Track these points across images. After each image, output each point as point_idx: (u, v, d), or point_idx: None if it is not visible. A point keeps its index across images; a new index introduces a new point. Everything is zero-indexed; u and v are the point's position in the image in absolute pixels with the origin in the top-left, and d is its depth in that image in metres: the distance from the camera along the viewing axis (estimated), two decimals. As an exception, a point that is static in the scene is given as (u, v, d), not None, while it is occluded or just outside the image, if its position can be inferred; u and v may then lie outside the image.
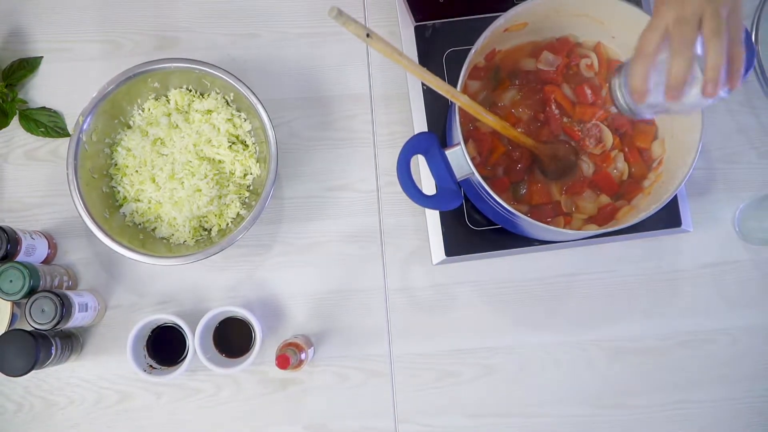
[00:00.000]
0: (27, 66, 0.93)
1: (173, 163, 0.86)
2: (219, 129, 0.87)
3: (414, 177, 0.73)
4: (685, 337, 0.89)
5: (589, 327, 0.89)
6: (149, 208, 0.87)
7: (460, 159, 0.72)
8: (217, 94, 0.89)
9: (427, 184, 0.89)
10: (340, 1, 0.67)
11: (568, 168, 0.83)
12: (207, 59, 0.86)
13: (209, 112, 0.89)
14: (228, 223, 0.87)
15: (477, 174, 0.72)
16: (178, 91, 0.89)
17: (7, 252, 0.80)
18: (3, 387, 0.88)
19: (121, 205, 0.88)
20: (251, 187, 0.89)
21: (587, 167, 0.83)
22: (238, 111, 0.89)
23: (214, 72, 0.85)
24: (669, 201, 0.73)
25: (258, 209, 0.82)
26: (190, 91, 0.90)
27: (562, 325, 0.90)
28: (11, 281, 0.79)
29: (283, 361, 0.76)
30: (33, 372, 0.78)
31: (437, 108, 0.90)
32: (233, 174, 0.88)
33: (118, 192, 0.88)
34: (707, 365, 0.89)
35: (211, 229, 0.88)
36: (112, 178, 0.89)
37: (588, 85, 0.84)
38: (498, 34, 0.79)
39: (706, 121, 0.73)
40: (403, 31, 0.93)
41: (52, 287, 0.84)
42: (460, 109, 0.74)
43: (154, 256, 0.82)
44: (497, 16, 0.75)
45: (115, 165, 0.89)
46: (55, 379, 0.88)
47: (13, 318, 0.85)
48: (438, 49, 0.91)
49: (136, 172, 0.88)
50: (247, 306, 0.87)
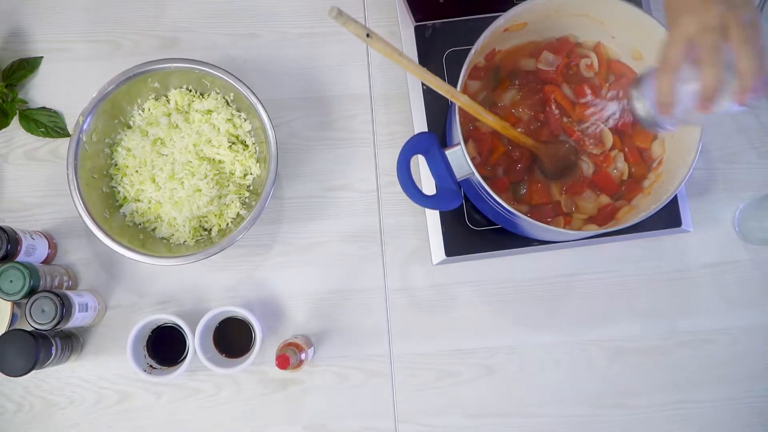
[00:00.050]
0: (27, 66, 0.93)
1: (173, 163, 0.86)
2: (219, 129, 0.87)
3: (414, 177, 0.73)
4: (685, 337, 0.89)
5: (589, 327, 0.89)
6: (149, 208, 0.87)
7: (460, 159, 0.72)
8: (217, 94, 0.89)
9: (427, 184, 0.89)
10: (340, 1, 0.67)
11: (568, 168, 0.83)
12: (207, 59, 0.86)
13: (209, 112, 0.89)
14: (228, 223, 0.87)
15: (477, 174, 0.72)
16: (178, 91, 0.89)
17: (7, 252, 0.80)
18: (3, 387, 0.88)
19: (121, 205, 0.88)
20: (251, 187, 0.89)
21: (587, 167, 0.83)
22: (238, 111, 0.89)
23: (214, 72, 0.85)
24: (669, 201, 0.73)
25: (258, 209, 0.82)
26: (190, 91, 0.90)
27: (562, 325, 0.90)
28: (11, 281, 0.79)
29: (283, 361, 0.76)
30: (33, 372, 0.78)
31: (437, 108, 0.90)
32: (233, 174, 0.88)
33: (118, 192, 0.88)
34: (707, 365, 0.89)
35: (211, 229, 0.88)
36: (112, 178, 0.89)
37: (588, 86, 0.84)
38: (498, 34, 0.79)
39: (706, 120, 0.73)
40: (403, 31, 0.93)
41: (52, 287, 0.84)
42: (460, 109, 0.74)
43: (154, 256, 0.82)
44: (497, 16, 0.75)
45: (115, 165, 0.89)
46: (55, 379, 0.88)
47: (13, 318, 0.85)
48: (438, 49, 0.91)
49: (136, 172, 0.88)
50: (247, 306, 0.87)
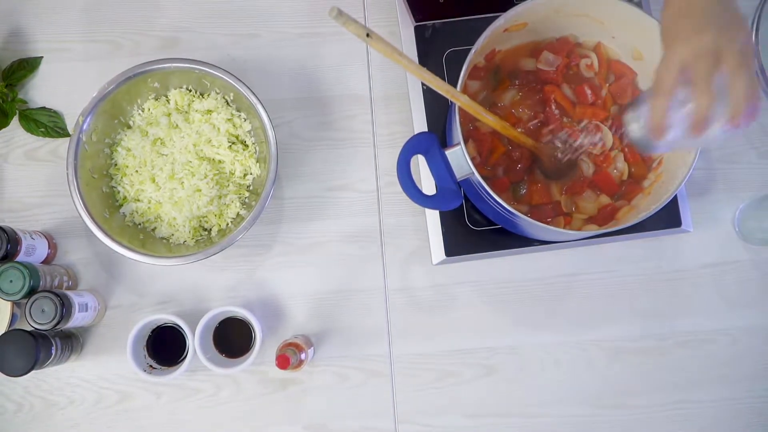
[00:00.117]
0: (27, 66, 0.93)
1: (173, 163, 0.86)
2: (219, 129, 0.87)
3: (414, 177, 0.73)
4: (685, 337, 0.89)
5: (589, 327, 0.89)
6: (149, 208, 0.87)
7: (460, 159, 0.72)
8: (217, 94, 0.89)
9: (427, 184, 0.89)
10: (340, 1, 0.67)
11: (568, 168, 0.83)
12: (207, 59, 0.86)
13: (209, 112, 0.89)
14: (228, 223, 0.87)
15: (477, 174, 0.72)
16: (178, 91, 0.89)
17: (7, 252, 0.80)
18: (3, 387, 0.88)
19: (121, 205, 0.88)
20: (251, 187, 0.89)
21: (587, 167, 0.83)
22: (238, 111, 0.89)
23: (214, 72, 0.85)
24: (669, 201, 0.73)
25: (258, 209, 0.82)
26: (190, 91, 0.90)
27: (562, 325, 0.89)
28: (11, 281, 0.79)
29: (283, 361, 0.76)
30: (33, 372, 0.78)
31: (437, 108, 0.90)
32: (233, 174, 0.88)
33: (118, 192, 0.88)
34: (707, 365, 0.89)
35: (211, 229, 0.88)
36: (112, 178, 0.89)
37: (588, 86, 0.84)
38: (498, 34, 0.79)
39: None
40: (403, 31, 0.93)
41: (52, 287, 0.84)
42: (460, 109, 0.74)
43: (154, 256, 0.82)
44: (497, 16, 0.75)
45: (115, 165, 0.89)
46: (55, 379, 0.88)
47: (13, 318, 0.85)
48: (438, 49, 0.91)
49: (136, 172, 0.88)
50: (247, 306, 0.87)
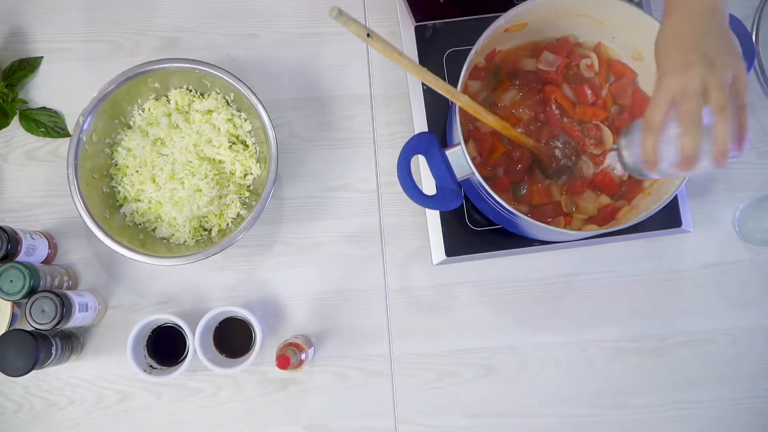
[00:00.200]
0: (27, 66, 0.93)
1: (173, 163, 0.86)
2: (219, 129, 0.87)
3: (414, 177, 0.73)
4: (685, 337, 0.89)
5: (589, 327, 0.89)
6: (149, 208, 0.87)
7: (460, 159, 0.72)
8: (218, 94, 0.89)
9: (428, 184, 0.89)
10: (341, 1, 0.67)
11: (569, 168, 0.83)
12: (207, 59, 0.86)
13: (209, 112, 0.89)
14: (228, 223, 0.87)
15: (477, 174, 0.72)
16: (178, 91, 0.89)
17: (7, 252, 0.80)
18: (3, 387, 0.88)
19: (121, 205, 0.88)
20: (251, 187, 0.89)
21: (587, 167, 0.83)
22: (238, 111, 0.89)
23: (214, 72, 0.85)
24: (669, 201, 0.73)
25: (258, 209, 0.82)
26: (191, 91, 0.90)
27: (562, 326, 0.90)
28: (11, 281, 0.79)
29: (283, 361, 0.76)
30: (33, 372, 0.78)
31: (437, 108, 0.90)
32: (233, 174, 0.88)
33: (119, 192, 0.88)
34: (707, 365, 0.89)
35: (211, 229, 0.88)
36: (113, 178, 0.89)
37: (588, 86, 0.84)
38: (498, 35, 0.79)
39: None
40: (404, 31, 0.93)
41: (52, 287, 0.84)
42: (461, 109, 0.74)
43: (154, 256, 0.82)
44: (497, 17, 0.75)
45: (116, 165, 0.89)
46: (55, 379, 0.88)
47: (13, 318, 0.85)
48: (438, 50, 0.91)
49: (137, 172, 0.88)
50: (247, 306, 0.87)
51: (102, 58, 0.95)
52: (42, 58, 0.94)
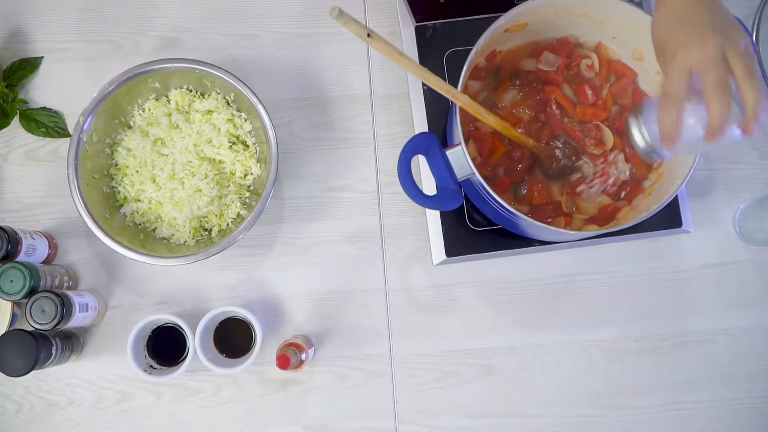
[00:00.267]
0: (27, 66, 0.93)
1: (174, 164, 0.86)
2: (219, 129, 0.87)
3: (414, 177, 0.73)
4: (685, 337, 0.89)
5: (589, 327, 0.89)
6: (150, 209, 0.87)
7: (460, 159, 0.72)
8: (218, 94, 0.89)
9: (428, 185, 0.89)
10: (341, 1, 0.67)
11: (569, 168, 0.83)
12: (207, 59, 0.86)
13: (210, 112, 0.89)
14: (228, 224, 0.87)
15: (478, 174, 0.72)
16: (178, 91, 0.89)
17: (7, 252, 0.80)
18: (3, 387, 0.88)
19: (121, 205, 0.88)
20: (252, 188, 0.89)
21: (588, 167, 0.83)
22: (238, 111, 0.89)
23: (214, 72, 0.85)
24: (670, 201, 0.73)
25: (258, 209, 0.82)
26: (191, 91, 0.90)
27: (562, 326, 0.89)
28: (12, 281, 0.79)
29: (283, 362, 0.76)
30: (33, 372, 0.78)
31: (438, 108, 0.90)
32: (234, 174, 0.88)
33: (119, 192, 0.88)
34: (707, 365, 0.89)
35: (211, 230, 0.88)
36: (113, 178, 0.89)
37: (589, 86, 0.84)
38: (499, 35, 0.79)
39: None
40: (404, 31, 0.93)
41: (52, 287, 0.84)
42: (461, 109, 0.74)
43: (154, 256, 0.82)
44: (498, 17, 0.75)
45: (116, 165, 0.89)
46: (55, 379, 0.88)
47: (13, 318, 0.85)
48: (438, 50, 0.91)
49: (137, 172, 0.88)
50: (248, 306, 0.87)
51: (102, 58, 0.95)
52: (42, 58, 0.94)
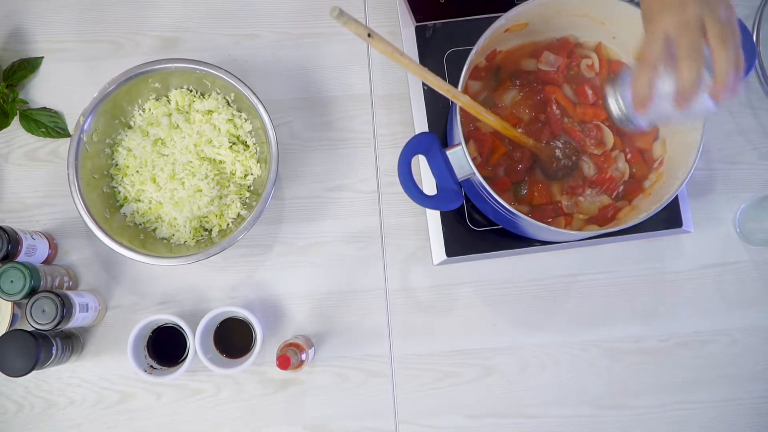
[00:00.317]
0: (28, 66, 0.93)
1: (174, 164, 0.86)
2: (220, 129, 0.87)
3: (415, 177, 0.73)
4: (686, 337, 0.89)
5: (589, 327, 0.89)
6: (150, 209, 0.87)
7: (461, 159, 0.72)
8: (218, 94, 0.89)
9: (428, 185, 0.89)
10: (341, 1, 0.67)
11: (569, 168, 0.83)
12: (208, 59, 0.86)
13: (210, 112, 0.89)
14: (229, 224, 0.87)
15: (478, 174, 0.72)
16: (178, 91, 0.89)
17: (7, 252, 0.80)
18: (3, 387, 0.88)
19: (121, 206, 0.88)
20: (252, 188, 0.89)
21: (588, 167, 0.83)
22: (238, 111, 0.89)
23: (214, 72, 0.85)
24: (670, 201, 0.73)
25: (258, 209, 0.82)
26: (191, 91, 0.90)
27: (562, 326, 0.89)
28: (12, 281, 0.79)
29: (283, 362, 0.76)
30: (33, 372, 0.78)
31: (438, 108, 0.90)
32: (234, 174, 0.88)
33: (119, 192, 0.88)
34: (707, 366, 0.89)
35: (211, 230, 0.88)
36: (113, 179, 0.89)
37: (589, 86, 0.84)
38: (499, 35, 0.79)
39: (706, 121, 0.73)
40: (404, 31, 0.93)
41: (52, 287, 0.84)
42: (461, 109, 0.74)
43: (154, 256, 0.82)
44: (498, 17, 0.75)
45: (116, 165, 0.89)
46: (55, 379, 0.88)
47: (13, 318, 0.85)
48: (439, 50, 0.91)
49: (137, 172, 0.88)
50: (248, 306, 0.87)
51: (102, 58, 0.95)
52: (42, 58, 0.94)
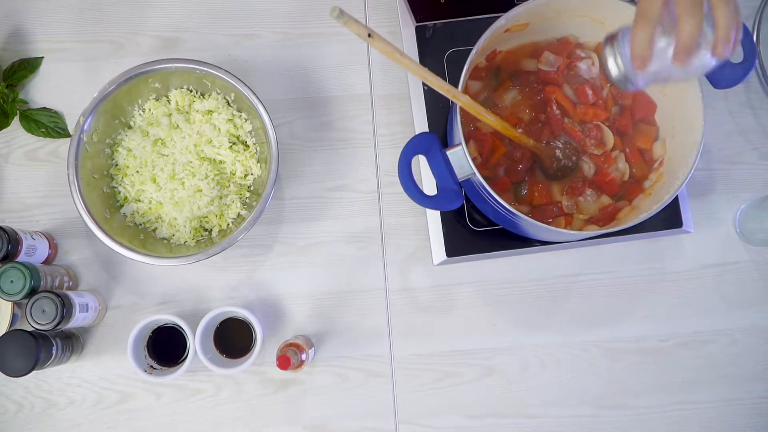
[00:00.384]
0: (28, 66, 0.93)
1: (174, 164, 0.86)
2: (220, 129, 0.87)
3: (415, 177, 0.73)
4: (686, 337, 0.89)
5: (589, 328, 0.89)
6: (150, 209, 0.87)
7: (461, 159, 0.72)
8: (218, 94, 0.89)
9: (428, 185, 0.89)
10: (341, 1, 0.67)
11: (569, 169, 0.83)
12: (208, 59, 0.86)
13: (210, 112, 0.89)
14: (229, 224, 0.87)
15: (478, 174, 0.72)
16: (178, 91, 0.89)
17: (7, 252, 0.80)
18: (3, 387, 0.88)
19: (121, 206, 0.88)
20: (252, 188, 0.89)
21: (588, 168, 0.83)
22: (238, 111, 0.89)
23: (214, 72, 0.85)
24: (670, 202, 0.73)
25: (259, 210, 0.82)
26: (191, 91, 0.90)
27: (562, 326, 0.89)
28: (12, 281, 0.79)
29: (283, 362, 0.76)
30: (34, 372, 0.78)
31: (438, 108, 0.90)
32: (234, 174, 0.88)
33: (119, 192, 0.88)
34: (708, 366, 0.89)
35: (211, 230, 0.88)
36: (113, 179, 0.89)
37: (589, 86, 0.84)
38: (499, 35, 0.79)
39: (706, 121, 0.73)
40: (404, 31, 0.93)
41: (52, 287, 0.84)
42: (461, 109, 0.74)
43: (154, 256, 0.82)
44: (498, 17, 0.75)
45: (116, 165, 0.89)
46: (55, 379, 0.88)
47: (13, 318, 0.85)
48: (439, 50, 0.91)
49: (137, 172, 0.88)
50: (248, 306, 0.87)
51: (102, 58, 0.95)
52: (42, 58, 0.94)
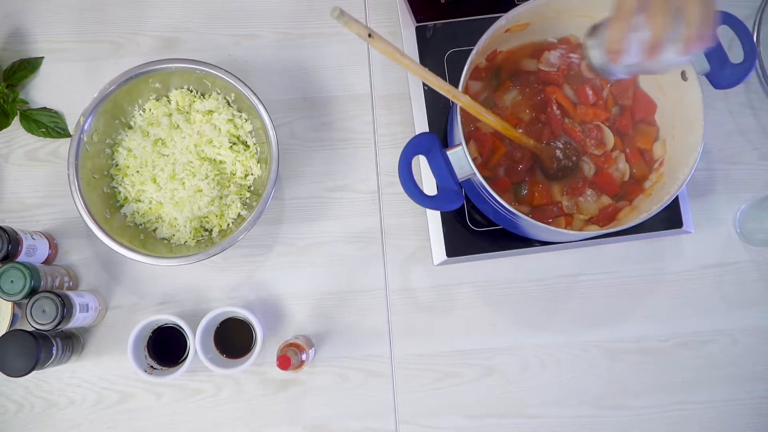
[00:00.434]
0: (28, 66, 0.93)
1: (174, 164, 0.86)
2: (220, 129, 0.87)
3: (415, 177, 0.73)
4: (686, 338, 0.89)
5: (590, 328, 0.89)
6: (150, 209, 0.87)
7: (461, 159, 0.72)
8: (218, 94, 0.89)
9: (429, 185, 0.89)
10: (342, 1, 0.67)
11: (570, 169, 0.83)
12: (208, 60, 0.86)
13: (210, 112, 0.89)
14: (229, 224, 0.87)
15: (478, 174, 0.72)
16: (179, 91, 0.89)
17: (8, 252, 0.80)
18: (4, 387, 0.88)
19: (121, 206, 0.88)
20: (252, 188, 0.89)
21: (588, 168, 0.83)
22: (239, 111, 0.89)
23: (215, 72, 0.85)
24: (670, 202, 0.73)
25: (259, 210, 0.82)
26: (191, 91, 0.90)
27: (562, 326, 0.89)
28: (12, 281, 0.79)
29: (284, 362, 0.76)
30: (34, 372, 0.78)
31: (438, 108, 0.90)
32: (234, 174, 0.88)
33: (119, 192, 0.88)
34: (708, 366, 0.89)
35: (212, 230, 0.88)
36: (113, 179, 0.89)
37: (589, 86, 0.84)
38: (499, 35, 0.79)
39: (707, 121, 0.73)
40: (404, 31, 0.93)
41: (52, 287, 0.84)
42: (462, 109, 0.74)
43: (154, 256, 0.82)
44: (499, 17, 0.75)
45: (116, 165, 0.89)
46: (55, 379, 0.88)
47: (14, 318, 0.85)
48: (439, 50, 0.91)
49: (137, 172, 0.88)
50: (248, 306, 0.87)
51: (102, 58, 0.95)
52: (42, 58, 0.94)
